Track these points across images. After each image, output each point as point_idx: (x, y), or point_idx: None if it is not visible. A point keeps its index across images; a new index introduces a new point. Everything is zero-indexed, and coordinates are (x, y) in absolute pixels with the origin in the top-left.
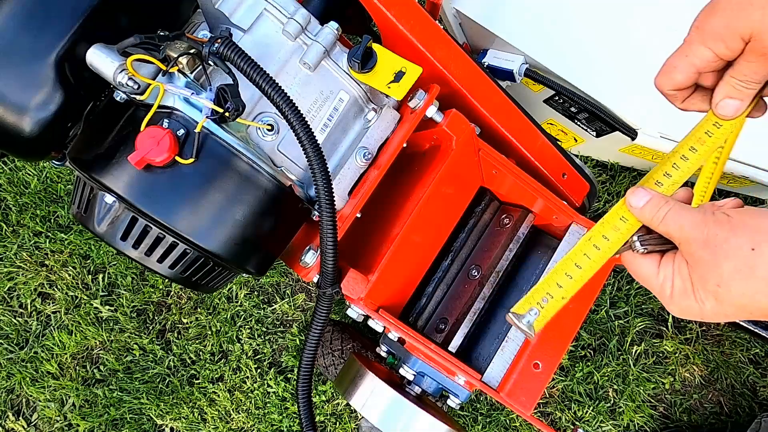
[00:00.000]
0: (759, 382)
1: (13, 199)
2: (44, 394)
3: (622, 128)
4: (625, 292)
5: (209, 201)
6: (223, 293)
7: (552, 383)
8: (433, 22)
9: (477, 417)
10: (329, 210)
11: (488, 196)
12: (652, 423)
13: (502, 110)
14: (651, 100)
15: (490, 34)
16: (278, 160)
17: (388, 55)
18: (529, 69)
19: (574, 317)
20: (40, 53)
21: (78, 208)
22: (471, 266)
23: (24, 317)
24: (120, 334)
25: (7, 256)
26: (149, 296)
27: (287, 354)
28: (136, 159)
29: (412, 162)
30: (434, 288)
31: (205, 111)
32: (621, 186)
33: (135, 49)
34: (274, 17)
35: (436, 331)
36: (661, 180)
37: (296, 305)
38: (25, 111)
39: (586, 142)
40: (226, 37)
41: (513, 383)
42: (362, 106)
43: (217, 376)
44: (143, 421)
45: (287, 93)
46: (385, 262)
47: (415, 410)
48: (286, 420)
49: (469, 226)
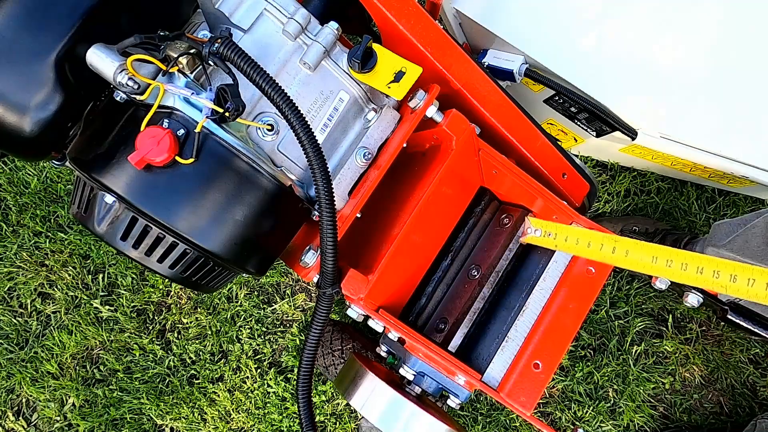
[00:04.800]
0: (759, 382)
1: (13, 199)
2: (44, 394)
3: (622, 128)
4: (625, 292)
5: (209, 201)
6: (223, 293)
7: (552, 383)
8: (433, 22)
9: (477, 417)
10: (329, 210)
11: (488, 196)
12: (652, 423)
13: (502, 110)
14: (651, 100)
15: (490, 34)
16: (278, 160)
17: (388, 55)
18: (529, 69)
19: (574, 317)
20: (41, 53)
21: (78, 208)
22: (471, 266)
23: (24, 317)
24: (120, 334)
25: (7, 256)
26: (149, 296)
27: (287, 354)
28: (136, 159)
29: (412, 162)
30: (434, 288)
31: (205, 111)
32: (621, 186)
33: (135, 49)
34: (274, 17)
35: (435, 331)
36: None
37: (296, 305)
38: (25, 111)
39: (586, 142)
40: (226, 37)
41: (513, 383)
42: (362, 106)
43: (217, 376)
44: (143, 421)
45: (287, 93)
46: (385, 262)
47: (415, 410)
48: (286, 420)
49: (469, 225)
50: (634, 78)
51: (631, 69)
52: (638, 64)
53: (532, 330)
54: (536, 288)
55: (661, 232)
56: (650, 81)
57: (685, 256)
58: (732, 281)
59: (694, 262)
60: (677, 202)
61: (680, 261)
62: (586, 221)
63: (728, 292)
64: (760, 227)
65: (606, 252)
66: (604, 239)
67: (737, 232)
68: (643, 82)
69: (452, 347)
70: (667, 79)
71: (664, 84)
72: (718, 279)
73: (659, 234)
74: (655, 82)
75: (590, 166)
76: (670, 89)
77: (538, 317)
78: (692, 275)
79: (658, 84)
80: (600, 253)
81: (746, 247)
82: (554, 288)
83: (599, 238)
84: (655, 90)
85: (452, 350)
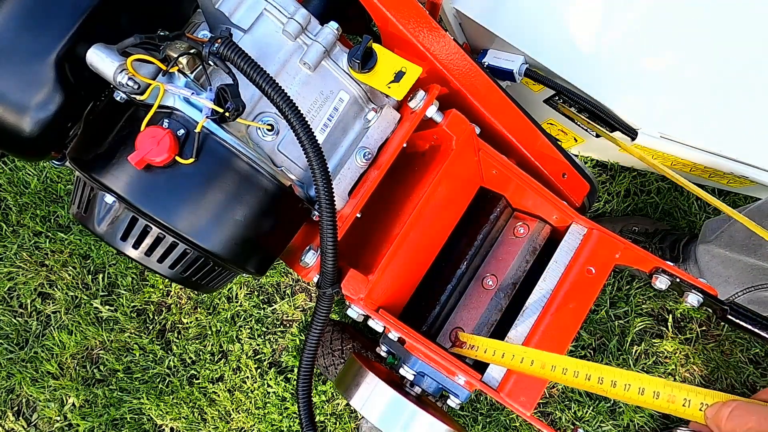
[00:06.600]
0: (759, 382)
1: (13, 199)
2: (44, 394)
3: (622, 128)
4: (625, 292)
5: (209, 201)
6: (223, 293)
7: (552, 383)
8: (433, 22)
9: (477, 417)
10: (329, 210)
11: (502, 202)
12: (652, 423)
13: (502, 110)
14: (651, 100)
15: (490, 34)
16: (278, 160)
17: (388, 55)
18: (529, 69)
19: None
20: (41, 53)
21: (78, 208)
22: (485, 275)
23: (24, 317)
24: (120, 334)
25: (7, 256)
26: (149, 296)
27: (287, 354)
28: (136, 159)
29: (412, 162)
30: (448, 296)
31: (205, 111)
32: (621, 186)
33: (135, 49)
34: (274, 17)
35: (450, 341)
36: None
37: (296, 305)
38: (25, 111)
39: (586, 142)
40: (226, 37)
41: (513, 383)
42: (362, 106)
43: (217, 376)
44: (143, 421)
45: (287, 93)
46: (385, 262)
47: (415, 410)
48: (286, 420)
49: (484, 233)
50: (634, 78)
51: (631, 69)
52: (638, 64)
53: (532, 330)
54: (536, 288)
55: (661, 232)
56: (650, 81)
57: (614, 372)
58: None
59: (623, 379)
60: (677, 202)
61: (610, 378)
62: (587, 221)
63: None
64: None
65: (525, 365)
66: (524, 353)
67: (723, 228)
68: (643, 82)
69: (469, 360)
70: (667, 79)
71: (665, 84)
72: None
73: (659, 234)
74: (655, 82)
75: (590, 166)
76: (671, 89)
77: (538, 317)
78: (620, 393)
79: (659, 84)
80: (517, 364)
81: (732, 241)
82: (554, 288)
83: (519, 351)
84: (655, 90)
85: (469, 362)
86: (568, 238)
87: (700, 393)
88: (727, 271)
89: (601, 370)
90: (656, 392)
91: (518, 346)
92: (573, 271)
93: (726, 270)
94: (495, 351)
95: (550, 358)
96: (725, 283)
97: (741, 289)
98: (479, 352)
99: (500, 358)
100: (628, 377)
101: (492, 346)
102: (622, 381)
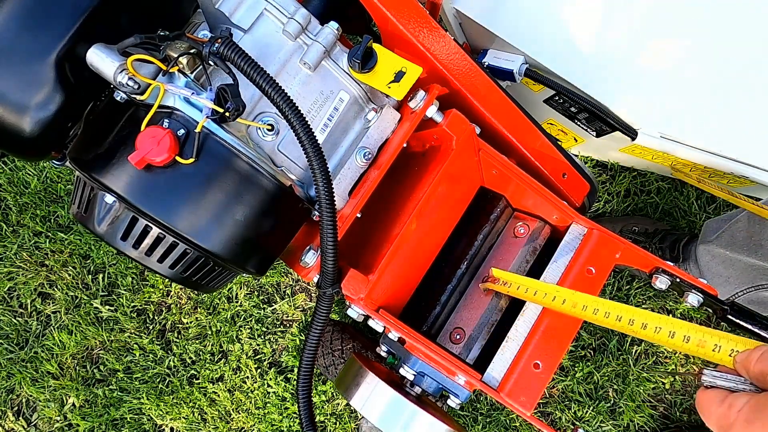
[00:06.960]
0: None
1: (13, 199)
2: (44, 394)
3: (622, 128)
4: (625, 292)
5: (209, 201)
6: (223, 293)
7: (552, 383)
8: (433, 22)
9: (477, 417)
10: (329, 210)
11: (502, 202)
12: (652, 423)
13: (502, 110)
14: (651, 100)
15: (490, 34)
16: (278, 160)
17: (388, 55)
18: (529, 69)
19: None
20: (41, 53)
21: (78, 208)
22: (485, 275)
23: (24, 317)
24: (120, 334)
25: (7, 256)
26: (149, 296)
27: (287, 354)
28: (137, 159)
29: (412, 162)
30: (448, 296)
31: (206, 111)
32: (621, 186)
33: (135, 49)
34: (274, 17)
35: (451, 342)
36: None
37: (296, 305)
38: (25, 111)
39: (586, 142)
40: (226, 37)
41: (513, 383)
42: (362, 106)
43: (217, 376)
44: (143, 421)
45: (287, 93)
46: (385, 262)
47: (415, 410)
48: (286, 420)
49: (484, 233)
50: (634, 78)
51: (631, 69)
52: (638, 63)
53: (532, 330)
54: None
55: (661, 232)
56: (650, 81)
57: (638, 313)
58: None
59: (640, 318)
60: (677, 202)
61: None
62: (587, 221)
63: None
64: (743, 221)
65: (556, 303)
66: (557, 291)
67: (723, 228)
68: (643, 82)
69: (470, 359)
70: (667, 79)
71: (665, 84)
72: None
73: (659, 234)
74: (655, 82)
75: (590, 166)
76: (671, 89)
77: (538, 317)
78: (638, 330)
79: (659, 84)
80: (553, 304)
81: (733, 241)
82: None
83: (552, 289)
84: (655, 90)
85: (470, 362)
86: (568, 238)
87: (732, 339)
88: (728, 271)
89: (632, 313)
90: (686, 336)
91: (551, 284)
92: (573, 271)
93: (726, 270)
94: (528, 288)
95: (582, 297)
96: (725, 283)
97: (741, 289)
98: (512, 288)
99: (533, 295)
100: (659, 320)
101: (525, 283)
102: (652, 324)
